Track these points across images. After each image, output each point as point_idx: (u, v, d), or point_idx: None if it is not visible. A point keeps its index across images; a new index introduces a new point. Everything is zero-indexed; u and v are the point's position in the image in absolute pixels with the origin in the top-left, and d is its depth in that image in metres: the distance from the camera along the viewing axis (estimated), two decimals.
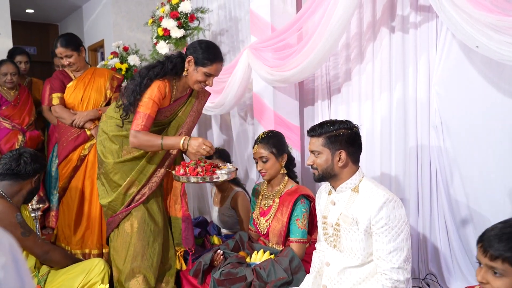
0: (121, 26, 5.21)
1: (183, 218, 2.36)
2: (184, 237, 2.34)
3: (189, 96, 2.37)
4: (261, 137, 2.25)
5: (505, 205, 2.04)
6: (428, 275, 2.38)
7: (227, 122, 3.82)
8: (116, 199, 2.28)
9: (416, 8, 2.33)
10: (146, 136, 2.09)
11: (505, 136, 2.01)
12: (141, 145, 2.11)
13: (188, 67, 2.18)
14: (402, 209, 1.61)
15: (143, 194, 2.27)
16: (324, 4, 2.33)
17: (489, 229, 1.22)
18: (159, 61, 2.19)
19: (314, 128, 1.74)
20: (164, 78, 2.15)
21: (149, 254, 2.26)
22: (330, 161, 1.68)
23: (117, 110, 2.25)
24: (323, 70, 2.93)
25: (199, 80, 2.17)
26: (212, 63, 2.15)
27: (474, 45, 1.76)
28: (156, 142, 2.09)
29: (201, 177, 2.03)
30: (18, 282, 0.50)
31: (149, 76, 2.11)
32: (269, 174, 2.21)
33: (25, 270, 0.53)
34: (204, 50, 2.15)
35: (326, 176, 1.72)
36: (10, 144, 3.41)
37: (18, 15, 6.18)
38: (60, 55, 2.91)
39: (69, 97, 3.01)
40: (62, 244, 2.96)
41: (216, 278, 1.90)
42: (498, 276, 1.17)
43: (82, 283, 2.15)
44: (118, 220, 2.30)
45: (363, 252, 1.63)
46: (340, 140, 1.68)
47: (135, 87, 2.10)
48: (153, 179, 2.29)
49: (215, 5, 3.85)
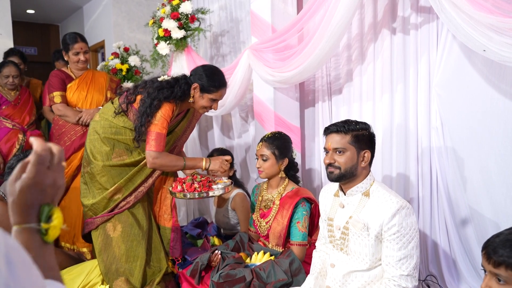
0: (121, 26, 5.21)
1: (172, 228, 2.41)
2: (171, 246, 2.40)
3: (186, 113, 2.44)
4: (268, 136, 2.27)
5: (506, 206, 2.04)
6: (428, 276, 2.37)
7: (228, 123, 3.82)
8: (100, 202, 2.29)
9: (417, 9, 2.33)
10: (168, 158, 2.20)
11: (506, 137, 2.01)
12: (162, 166, 2.21)
13: (194, 93, 2.24)
14: (414, 216, 1.59)
15: (128, 201, 2.30)
16: (325, 5, 2.33)
17: (495, 235, 1.20)
18: (168, 83, 2.21)
19: (338, 125, 1.68)
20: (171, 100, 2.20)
21: (132, 257, 2.28)
22: (355, 160, 1.64)
23: (114, 115, 2.27)
24: (324, 71, 2.92)
25: (205, 105, 2.27)
26: (217, 89, 2.25)
27: (478, 48, 1.74)
28: (179, 164, 2.22)
29: (198, 193, 2.10)
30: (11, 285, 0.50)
31: (158, 98, 2.14)
32: (265, 173, 2.22)
33: (23, 274, 0.52)
34: (209, 77, 2.23)
35: (347, 176, 1.66)
36: (10, 143, 3.40)
37: (19, 16, 6.19)
38: (80, 50, 2.98)
39: (72, 95, 3.02)
40: (67, 244, 2.96)
41: (215, 281, 1.89)
42: (502, 283, 1.14)
43: (83, 284, 2.15)
44: (98, 223, 2.30)
45: (372, 257, 1.61)
46: (365, 140, 1.66)
47: (145, 109, 2.13)
48: (140, 189, 2.31)
49: (216, 6, 3.85)
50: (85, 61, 3.04)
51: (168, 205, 2.43)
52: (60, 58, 3.93)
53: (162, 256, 2.39)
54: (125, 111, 2.25)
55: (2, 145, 3.36)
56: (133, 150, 2.29)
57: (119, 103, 2.29)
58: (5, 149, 3.35)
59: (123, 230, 2.29)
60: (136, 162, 2.29)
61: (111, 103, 2.38)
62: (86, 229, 2.36)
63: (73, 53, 3.01)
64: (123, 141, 2.29)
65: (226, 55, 3.87)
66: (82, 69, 3.08)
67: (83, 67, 3.08)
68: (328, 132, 1.71)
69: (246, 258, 2.15)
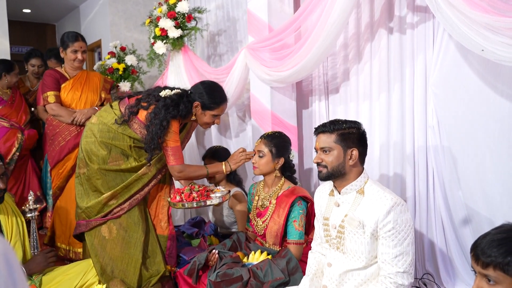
0: (118, 26, 5.19)
1: (169, 236, 2.43)
2: (167, 254, 2.42)
3: (185, 124, 2.47)
4: (268, 134, 2.29)
5: (502, 204, 2.04)
6: (425, 274, 2.38)
7: (225, 122, 3.81)
8: (94, 206, 2.28)
9: (413, 9, 2.34)
10: (191, 168, 2.30)
11: (502, 135, 2.02)
12: (187, 176, 2.27)
13: (196, 111, 2.28)
14: (408, 213, 1.60)
15: (122, 208, 2.29)
16: (322, 4, 2.33)
17: (482, 236, 1.19)
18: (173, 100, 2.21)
19: (325, 125, 1.71)
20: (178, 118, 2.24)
21: (127, 259, 2.28)
22: (342, 159, 1.66)
23: (113, 122, 2.26)
24: (321, 70, 2.93)
25: (208, 122, 2.32)
26: (219, 106, 2.29)
27: (475, 48, 1.75)
28: (202, 172, 2.31)
29: (197, 202, 2.14)
30: (10, 286, 0.50)
31: (167, 119, 2.17)
32: (259, 170, 2.23)
33: (19, 275, 0.52)
34: (210, 95, 2.27)
35: (335, 175, 1.68)
36: (10, 142, 3.41)
37: (15, 15, 6.16)
38: (79, 49, 3.02)
39: (66, 95, 3.01)
40: (63, 245, 2.95)
41: (213, 280, 1.90)
42: (492, 284, 1.13)
43: (79, 284, 2.15)
44: (91, 226, 2.30)
45: (368, 255, 1.62)
46: (353, 139, 1.67)
47: (157, 131, 2.15)
48: (135, 196, 2.31)
49: (213, 5, 3.84)
50: (82, 60, 3.05)
51: (165, 213, 2.44)
52: (53, 57, 3.93)
53: (159, 259, 2.37)
54: (127, 121, 2.25)
55: (1, 144, 3.35)
56: (129, 156, 2.29)
57: (121, 113, 2.27)
58: (5, 149, 3.35)
59: (118, 233, 2.28)
60: (132, 168, 2.28)
61: (109, 106, 2.36)
62: (78, 230, 2.35)
63: (71, 50, 3.01)
64: (120, 147, 2.27)
65: (223, 54, 3.87)
66: (77, 68, 3.08)
67: (78, 66, 3.08)
68: (317, 133, 1.74)
69: (243, 257, 2.15)
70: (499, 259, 1.10)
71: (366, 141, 1.73)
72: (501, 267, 1.09)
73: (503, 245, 1.11)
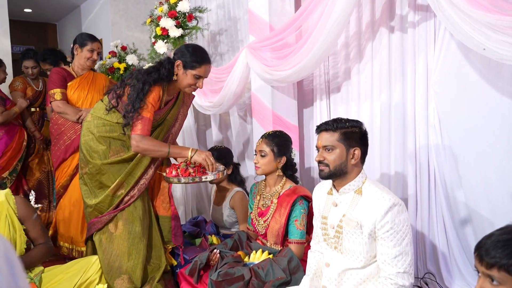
0: (119, 25, 5.19)
1: (172, 216, 2.43)
2: (173, 234, 2.42)
3: (176, 100, 2.42)
4: (269, 133, 2.28)
5: (504, 204, 2.04)
6: (426, 274, 2.38)
7: (226, 121, 3.81)
8: (104, 200, 2.29)
9: (414, 8, 2.33)
10: (152, 142, 2.16)
11: (504, 135, 2.01)
12: (146, 150, 2.16)
13: (178, 71, 2.22)
14: (406, 213, 1.60)
15: (132, 195, 2.30)
16: (323, 3, 2.33)
17: (486, 236, 1.18)
18: (154, 67, 2.21)
19: (328, 123, 1.70)
20: (159, 84, 2.19)
21: (134, 254, 2.28)
22: (344, 158, 1.65)
23: (106, 113, 2.27)
24: (322, 70, 2.92)
25: (190, 83, 2.23)
26: (200, 65, 2.21)
27: (476, 47, 1.74)
28: (163, 149, 2.17)
29: (192, 178, 2.12)
30: (12, 285, 0.50)
31: (148, 81, 2.13)
32: (262, 170, 2.23)
33: (20, 274, 0.53)
34: (192, 53, 2.21)
35: (336, 174, 1.66)
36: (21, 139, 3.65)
37: (16, 15, 6.16)
38: (97, 49, 3.07)
39: (72, 94, 3.03)
40: (66, 243, 2.95)
41: (214, 279, 1.90)
42: (495, 284, 1.12)
43: (80, 282, 2.15)
44: (104, 221, 2.30)
45: (366, 255, 1.61)
46: (355, 138, 1.66)
47: (137, 94, 2.11)
48: (141, 181, 2.31)
49: (214, 5, 3.84)
50: (94, 60, 3.10)
51: (166, 194, 2.45)
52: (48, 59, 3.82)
53: (161, 253, 2.39)
54: (116, 106, 2.25)
55: (16, 142, 3.59)
56: (130, 146, 2.28)
57: (108, 100, 2.29)
58: (18, 145, 3.60)
59: (124, 228, 2.29)
60: (134, 155, 2.29)
61: (101, 101, 2.38)
62: (93, 229, 2.35)
63: (88, 49, 3.04)
64: (119, 138, 2.29)
65: (224, 53, 3.87)
66: (87, 68, 3.11)
67: (90, 66, 3.11)
68: (319, 131, 1.73)
69: (245, 257, 2.15)
70: (504, 260, 1.09)
71: (368, 141, 1.72)
72: (506, 268, 1.09)
73: (508, 246, 1.11)
